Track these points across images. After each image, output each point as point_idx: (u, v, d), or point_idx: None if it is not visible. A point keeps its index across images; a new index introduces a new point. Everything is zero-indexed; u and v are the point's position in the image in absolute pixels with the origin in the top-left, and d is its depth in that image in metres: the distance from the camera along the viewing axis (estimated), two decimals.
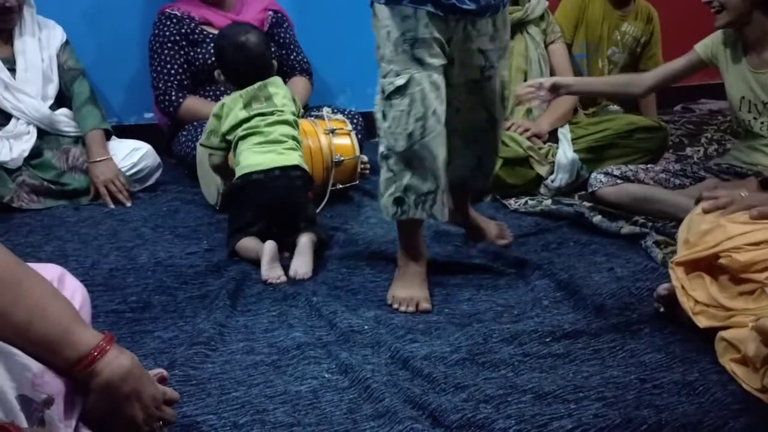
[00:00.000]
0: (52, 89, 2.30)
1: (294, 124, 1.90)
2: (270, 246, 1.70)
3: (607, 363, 1.33)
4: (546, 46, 2.48)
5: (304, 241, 1.75)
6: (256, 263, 1.71)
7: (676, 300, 1.38)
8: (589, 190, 2.21)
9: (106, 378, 0.91)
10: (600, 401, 1.20)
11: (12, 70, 2.22)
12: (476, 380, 1.26)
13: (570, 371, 1.30)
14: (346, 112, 2.63)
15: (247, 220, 1.80)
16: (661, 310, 1.48)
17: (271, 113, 1.86)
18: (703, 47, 2.05)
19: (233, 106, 1.87)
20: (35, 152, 2.18)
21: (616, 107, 2.68)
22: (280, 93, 1.90)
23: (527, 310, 1.55)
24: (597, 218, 2.03)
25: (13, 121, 2.20)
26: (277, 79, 1.94)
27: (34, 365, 0.89)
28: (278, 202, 1.80)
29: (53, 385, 0.91)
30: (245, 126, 1.84)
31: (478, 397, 1.21)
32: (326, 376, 1.27)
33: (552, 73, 2.47)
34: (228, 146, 1.87)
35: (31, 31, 2.27)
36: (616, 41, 2.70)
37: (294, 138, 1.88)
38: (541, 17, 2.49)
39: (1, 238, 1.87)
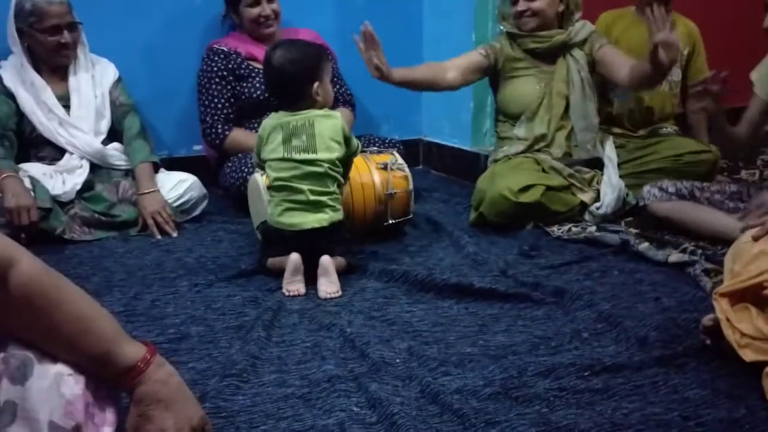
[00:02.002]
0: (105, 125, 2.39)
1: (332, 172, 1.82)
2: (294, 258, 1.76)
3: (648, 399, 1.28)
4: (594, 62, 2.39)
5: (325, 261, 1.78)
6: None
7: (721, 332, 1.31)
8: (641, 203, 2.15)
9: (144, 389, 0.95)
10: None
11: (66, 106, 2.32)
12: (509, 416, 1.22)
13: (608, 408, 1.25)
14: (387, 141, 2.65)
15: (278, 252, 1.84)
16: (708, 342, 1.41)
17: (307, 163, 1.79)
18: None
19: (275, 135, 1.83)
20: (87, 185, 2.27)
21: (668, 129, 2.60)
22: (326, 133, 1.81)
23: (565, 342, 1.50)
24: (643, 246, 1.97)
25: (66, 155, 2.30)
26: (327, 118, 1.83)
27: (68, 392, 0.92)
28: (309, 249, 1.82)
29: (83, 414, 0.93)
30: (278, 176, 1.81)
31: None
32: (355, 409, 1.26)
33: (609, 79, 2.36)
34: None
35: (85, 68, 2.38)
36: None
37: (327, 192, 1.81)
38: (585, 40, 2.45)
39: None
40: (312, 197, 1.80)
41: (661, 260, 1.89)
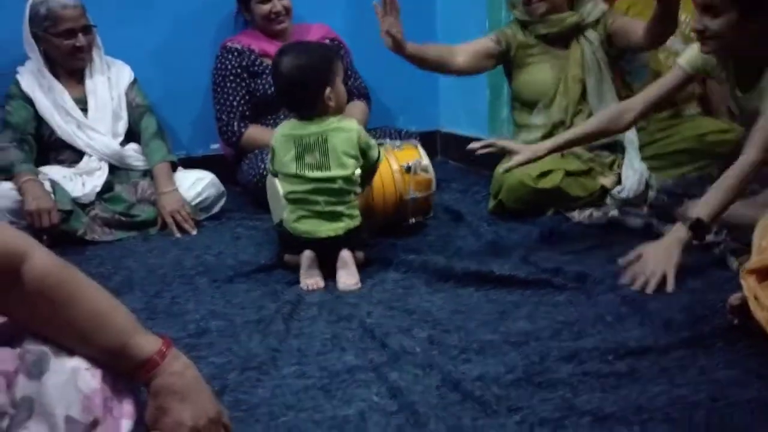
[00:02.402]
0: (122, 126, 2.41)
1: (347, 186, 1.78)
2: (307, 254, 1.76)
3: (675, 381, 1.24)
4: (610, 37, 2.33)
5: (344, 254, 1.77)
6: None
7: (749, 311, 1.28)
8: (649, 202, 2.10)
9: (160, 381, 0.95)
10: (666, 423, 1.12)
11: (84, 109, 2.35)
12: (531, 402, 1.20)
13: (634, 391, 1.22)
14: (404, 133, 2.63)
15: (295, 250, 1.84)
16: (735, 322, 1.37)
17: (320, 180, 1.75)
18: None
19: (287, 148, 1.78)
20: (106, 187, 2.29)
21: (691, 111, 2.53)
22: (340, 149, 1.74)
23: (588, 326, 1.47)
24: (667, 228, 1.92)
25: (85, 158, 2.32)
26: (342, 128, 1.77)
27: (85, 386, 0.92)
28: (325, 251, 1.80)
29: (100, 408, 0.93)
30: (292, 189, 1.78)
31: (532, 420, 1.15)
32: (375, 399, 1.24)
33: (628, 46, 2.29)
34: None
35: (101, 70, 2.40)
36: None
37: (343, 203, 1.78)
38: (598, 20, 2.37)
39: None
40: (327, 208, 1.77)
41: None
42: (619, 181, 2.24)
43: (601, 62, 2.33)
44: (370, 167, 1.86)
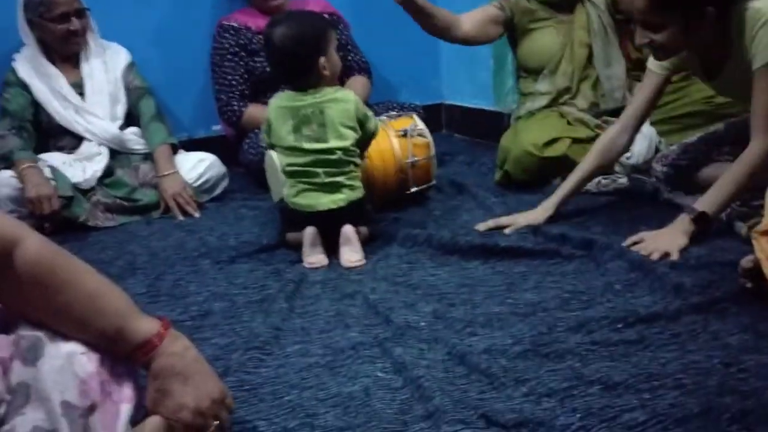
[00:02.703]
0: (121, 109, 2.38)
1: (346, 157, 1.75)
2: (309, 231, 1.74)
3: (686, 347, 1.22)
4: (615, 2, 2.27)
5: (347, 230, 1.74)
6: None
7: (762, 273, 1.24)
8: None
9: (160, 363, 0.93)
10: (677, 389, 1.09)
11: (81, 94, 2.32)
12: (539, 373, 1.18)
13: (644, 358, 1.20)
14: (407, 106, 2.59)
15: (297, 228, 1.81)
16: (748, 285, 1.34)
17: (318, 152, 1.73)
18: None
19: (283, 120, 1.76)
20: (107, 171, 2.26)
21: None
22: (337, 120, 1.73)
23: (597, 295, 1.44)
24: (676, 192, 1.88)
25: (85, 143, 2.30)
26: (339, 99, 1.75)
27: (81, 371, 0.90)
28: (328, 227, 1.78)
29: (98, 392, 0.92)
30: (290, 161, 1.76)
31: (540, 390, 1.13)
32: (380, 375, 1.22)
33: (623, 26, 2.23)
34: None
35: (96, 54, 2.37)
36: None
37: (343, 173, 1.75)
38: None
39: (76, 256, 1.95)
40: (327, 179, 1.74)
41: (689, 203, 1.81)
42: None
43: (607, 27, 2.28)
44: (366, 138, 1.82)
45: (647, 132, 2.19)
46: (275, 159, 1.97)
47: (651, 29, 1.57)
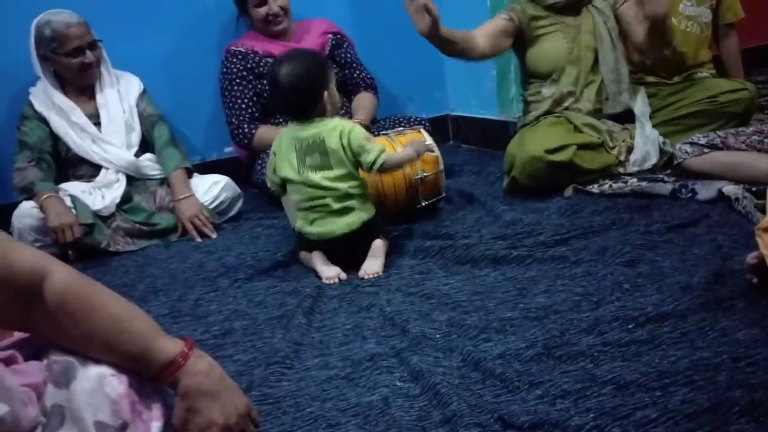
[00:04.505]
0: (136, 137, 2.45)
1: (352, 190, 1.81)
2: (317, 254, 1.83)
3: (696, 345, 1.24)
4: (616, 15, 2.32)
5: (378, 244, 1.82)
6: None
7: (767, 269, 1.27)
8: (675, 162, 2.09)
9: (187, 382, 0.97)
10: (688, 386, 1.12)
11: (97, 123, 2.39)
12: (552, 375, 1.21)
13: (655, 357, 1.22)
14: (413, 120, 2.64)
15: (311, 249, 1.87)
16: (754, 281, 1.36)
17: (324, 188, 1.78)
18: None
19: (288, 151, 1.82)
20: (125, 197, 2.33)
21: (704, 74, 2.49)
22: (338, 150, 1.78)
23: (607, 296, 1.47)
24: (697, 185, 1.92)
25: (102, 171, 2.36)
26: (335, 131, 1.78)
27: (112, 392, 0.95)
28: (344, 250, 1.84)
29: (129, 411, 0.96)
30: (300, 198, 1.82)
31: (554, 392, 1.16)
32: (398, 384, 1.26)
33: (627, 38, 2.29)
34: (285, 187, 1.89)
35: (110, 84, 2.44)
36: None
37: (353, 197, 1.81)
38: None
39: (99, 281, 2.00)
40: (337, 205, 1.80)
41: (713, 196, 1.85)
42: (631, 151, 2.22)
43: (611, 31, 2.30)
44: (369, 167, 1.81)
45: (650, 134, 2.22)
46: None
47: None
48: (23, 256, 0.92)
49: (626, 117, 2.32)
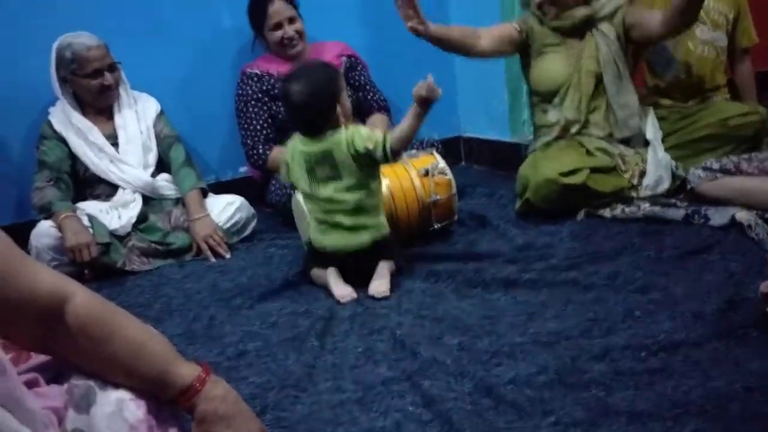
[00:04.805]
0: (152, 157, 2.48)
1: (363, 203, 1.82)
2: (331, 270, 1.84)
3: (709, 374, 1.25)
4: (627, 31, 2.31)
5: (383, 265, 1.84)
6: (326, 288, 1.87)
7: None
8: (688, 186, 2.10)
9: (204, 407, 0.98)
10: (700, 416, 1.13)
11: (115, 144, 2.43)
12: (564, 403, 1.22)
13: (668, 387, 1.23)
14: (425, 142, 2.66)
15: (323, 263, 1.89)
16: (767, 310, 1.36)
17: (333, 201, 1.81)
18: None
19: (299, 166, 1.86)
20: (141, 217, 2.35)
21: (719, 98, 2.48)
22: (347, 160, 1.79)
23: (618, 322, 1.48)
24: (710, 211, 1.93)
25: (119, 191, 2.40)
26: (340, 143, 1.79)
27: (131, 416, 0.96)
28: (355, 265, 1.86)
29: None
30: (312, 207, 1.86)
31: (567, 420, 1.16)
32: (410, 409, 1.27)
33: (647, 37, 2.28)
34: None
35: (128, 105, 2.48)
36: (701, 19, 2.40)
37: (366, 213, 1.83)
38: (614, 12, 2.35)
39: (114, 301, 2.03)
40: (349, 222, 1.83)
41: (726, 222, 1.85)
42: (643, 174, 2.23)
43: (616, 56, 2.31)
44: (384, 161, 1.81)
45: (662, 158, 2.23)
46: (302, 202, 2.05)
47: None
48: (46, 279, 0.94)
49: (638, 141, 2.33)
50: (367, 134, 1.80)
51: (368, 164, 1.82)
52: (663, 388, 1.22)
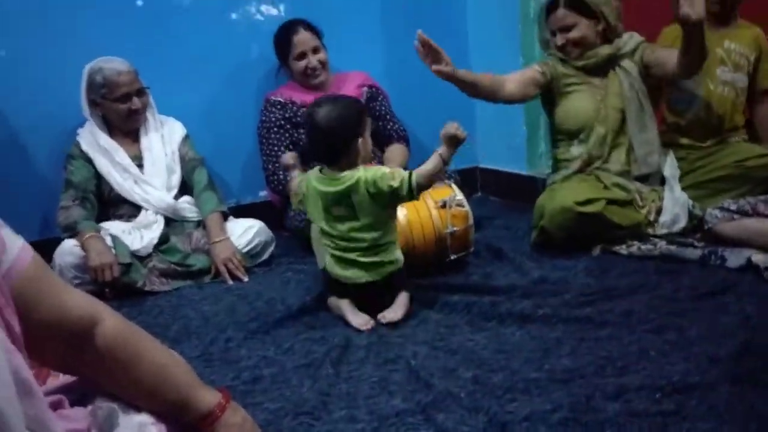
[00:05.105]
0: (176, 179, 2.53)
1: (378, 243, 1.83)
2: (345, 302, 1.87)
3: (723, 419, 1.25)
4: (647, 68, 2.36)
5: (403, 295, 1.88)
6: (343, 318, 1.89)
7: None
8: (705, 227, 2.10)
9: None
10: None
11: (140, 165, 2.48)
12: None
13: (682, 429, 1.23)
14: (443, 174, 2.68)
15: (340, 291, 1.92)
16: None
17: (351, 239, 1.83)
18: None
19: (315, 203, 1.88)
20: (162, 238, 2.40)
21: (737, 138, 2.49)
22: (364, 201, 1.80)
23: (633, 362, 1.48)
24: (726, 252, 1.93)
25: (142, 212, 2.45)
26: (358, 183, 1.79)
27: None
28: (367, 295, 1.89)
29: None
30: (327, 242, 1.88)
31: None
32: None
33: (665, 76, 2.34)
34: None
35: (155, 128, 2.54)
36: (722, 60, 2.46)
37: (381, 250, 1.84)
38: (635, 50, 2.40)
39: (134, 321, 2.06)
40: (366, 260, 1.85)
41: (743, 263, 1.86)
42: (660, 212, 2.24)
43: (639, 92, 2.35)
44: (399, 197, 1.81)
45: (679, 196, 2.24)
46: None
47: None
48: (76, 301, 0.96)
49: (655, 179, 2.35)
50: (390, 173, 1.80)
51: (391, 203, 1.83)
52: (677, 431, 1.23)
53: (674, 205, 2.21)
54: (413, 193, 1.80)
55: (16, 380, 0.75)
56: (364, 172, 1.82)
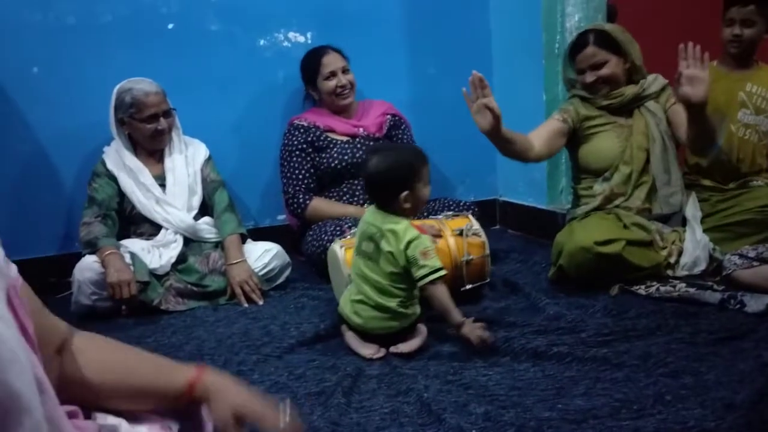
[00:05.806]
0: (197, 200, 2.57)
1: (393, 288, 1.82)
2: (349, 333, 1.89)
3: None
4: (666, 114, 2.38)
5: (420, 328, 1.89)
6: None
7: None
8: (723, 273, 2.08)
9: (215, 379, 1.02)
10: None
11: (162, 185, 2.52)
12: None
13: None
14: (462, 204, 2.70)
15: (347, 323, 1.93)
16: None
17: (365, 278, 1.84)
18: None
19: (359, 228, 1.92)
20: (180, 258, 2.42)
21: (759, 182, 2.48)
22: (395, 251, 1.79)
23: (648, 406, 1.46)
24: (746, 297, 1.91)
25: (162, 231, 2.47)
26: (395, 236, 1.80)
27: None
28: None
29: None
30: (352, 268, 1.91)
31: None
32: None
33: (677, 138, 2.35)
34: None
35: (179, 149, 2.58)
36: (743, 103, 2.46)
37: (395, 297, 1.82)
38: (661, 91, 2.41)
39: (149, 339, 2.08)
40: (378, 300, 1.84)
41: (762, 309, 1.84)
42: (681, 254, 2.22)
43: (663, 133, 2.36)
44: (417, 280, 1.80)
45: (700, 239, 2.22)
46: (338, 253, 2.09)
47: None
48: (53, 322, 0.96)
49: (676, 220, 2.33)
50: (420, 254, 1.78)
51: (405, 268, 1.81)
52: None
53: (695, 247, 2.19)
54: (420, 286, 1.81)
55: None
56: (407, 232, 1.80)
